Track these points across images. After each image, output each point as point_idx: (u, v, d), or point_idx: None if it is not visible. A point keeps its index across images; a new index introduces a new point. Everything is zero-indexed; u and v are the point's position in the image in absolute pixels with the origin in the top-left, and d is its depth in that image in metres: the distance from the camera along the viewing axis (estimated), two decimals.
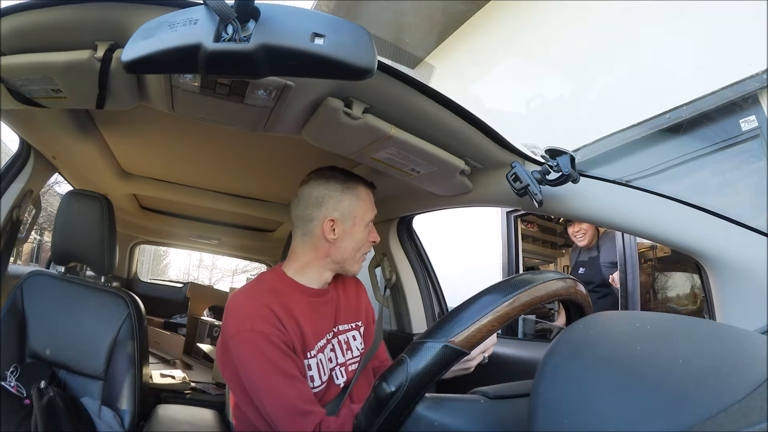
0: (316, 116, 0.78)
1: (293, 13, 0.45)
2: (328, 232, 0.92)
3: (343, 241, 0.93)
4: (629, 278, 2.35)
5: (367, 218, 0.96)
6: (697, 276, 2.40)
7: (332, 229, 0.92)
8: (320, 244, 0.94)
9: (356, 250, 0.95)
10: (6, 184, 1.19)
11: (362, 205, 0.94)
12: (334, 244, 0.93)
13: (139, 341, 1.17)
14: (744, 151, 2.02)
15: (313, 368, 0.87)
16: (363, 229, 0.95)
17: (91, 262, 1.25)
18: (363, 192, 0.95)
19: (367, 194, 0.96)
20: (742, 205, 2.02)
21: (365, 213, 0.95)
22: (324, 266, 0.95)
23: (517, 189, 0.81)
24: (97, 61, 0.65)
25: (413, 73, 0.74)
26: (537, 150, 0.86)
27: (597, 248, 2.71)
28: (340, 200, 0.93)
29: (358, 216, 0.94)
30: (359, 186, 0.95)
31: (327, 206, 0.92)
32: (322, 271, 0.96)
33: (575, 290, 0.51)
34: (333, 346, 0.94)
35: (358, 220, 0.94)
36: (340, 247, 0.94)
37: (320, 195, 0.93)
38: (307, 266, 0.95)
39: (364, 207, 0.95)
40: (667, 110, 2.21)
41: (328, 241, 0.93)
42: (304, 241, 0.95)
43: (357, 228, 0.94)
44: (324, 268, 0.96)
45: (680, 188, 2.23)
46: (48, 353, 1.10)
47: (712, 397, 0.29)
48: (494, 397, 0.48)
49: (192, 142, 1.22)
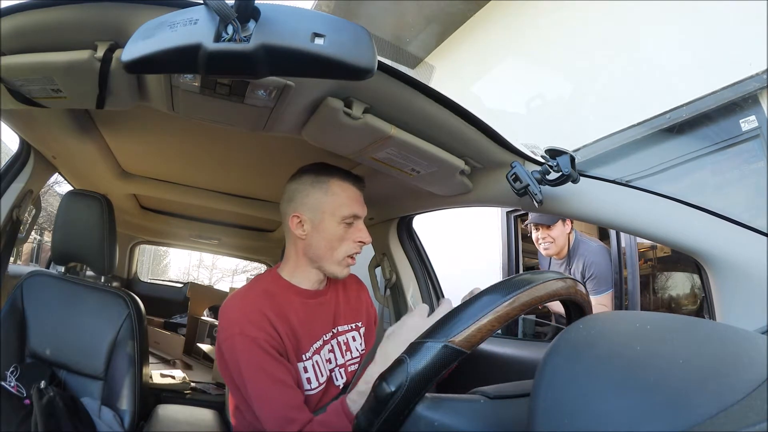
0: (316, 116, 0.78)
1: (293, 13, 0.45)
2: (296, 227, 0.90)
3: (313, 238, 0.89)
4: (629, 278, 2.34)
5: (340, 214, 0.88)
6: (697, 276, 2.40)
7: (300, 225, 0.90)
8: (297, 242, 0.92)
9: (329, 249, 0.89)
10: (6, 184, 1.19)
11: (333, 199, 0.88)
12: (306, 241, 0.90)
13: (139, 341, 1.17)
14: (744, 151, 2.02)
15: (309, 370, 0.86)
16: (335, 226, 0.88)
17: (91, 262, 1.25)
18: (336, 186, 0.89)
19: (341, 188, 0.89)
20: (742, 205, 2.02)
21: (336, 208, 0.88)
22: (307, 265, 0.92)
23: (517, 189, 0.81)
24: (97, 61, 0.65)
25: (413, 73, 0.74)
26: (537, 150, 0.86)
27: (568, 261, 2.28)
28: (307, 194, 0.89)
29: (327, 211, 0.88)
30: (332, 180, 0.89)
31: (295, 201, 0.90)
32: (308, 270, 0.93)
33: (575, 290, 0.51)
34: (332, 347, 0.93)
35: (327, 216, 0.88)
36: (312, 245, 0.90)
37: (291, 190, 0.92)
38: (296, 267, 0.94)
39: (336, 202, 0.88)
40: (667, 110, 2.21)
41: (300, 239, 0.90)
42: (287, 239, 0.95)
43: (327, 224, 0.88)
44: (308, 267, 0.93)
45: (680, 188, 2.23)
46: (48, 353, 1.10)
47: (712, 397, 0.29)
48: (494, 397, 0.48)
49: (192, 142, 1.22)
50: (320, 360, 0.89)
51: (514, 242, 3.23)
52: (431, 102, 0.75)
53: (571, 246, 2.25)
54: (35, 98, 0.79)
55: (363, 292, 1.07)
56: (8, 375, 1.01)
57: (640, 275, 2.39)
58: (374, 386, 0.44)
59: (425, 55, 3.99)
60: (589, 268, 2.18)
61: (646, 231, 0.81)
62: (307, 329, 0.89)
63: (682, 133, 2.19)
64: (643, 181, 1.07)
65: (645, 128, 2.30)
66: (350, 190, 0.90)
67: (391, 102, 0.74)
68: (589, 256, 2.19)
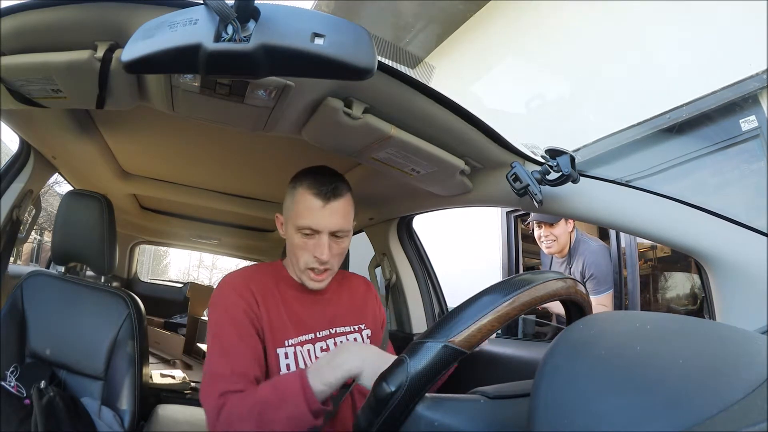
0: (316, 116, 0.78)
1: (293, 13, 0.45)
2: (279, 227, 0.95)
3: (287, 242, 0.94)
4: (629, 278, 2.34)
5: (296, 223, 0.87)
6: (697, 276, 2.40)
7: (281, 226, 0.95)
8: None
9: (292, 255, 0.91)
10: (6, 184, 1.19)
11: (294, 207, 0.88)
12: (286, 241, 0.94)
13: (139, 341, 1.17)
14: (744, 151, 2.02)
15: (290, 357, 0.88)
16: (294, 234, 0.88)
17: (91, 262, 1.25)
18: (299, 195, 0.87)
19: (302, 198, 0.86)
20: (742, 205, 2.02)
21: (294, 217, 0.87)
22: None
23: (517, 189, 0.81)
24: (97, 61, 0.66)
25: (413, 73, 0.74)
26: (537, 150, 0.86)
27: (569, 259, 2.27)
28: (286, 197, 0.92)
29: (290, 218, 0.89)
30: (299, 188, 0.88)
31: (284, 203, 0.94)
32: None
33: (575, 290, 0.51)
34: (327, 347, 0.93)
35: (289, 223, 0.89)
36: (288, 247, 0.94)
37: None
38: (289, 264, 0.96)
39: (295, 210, 0.87)
40: (667, 110, 2.21)
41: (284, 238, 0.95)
42: None
43: (289, 231, 0.90)
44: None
45: (680, 188, 2.23)
46: (48, 353, 1.10)
47: (712, 397, 0.29)
48: (494, 397, 0.47)
49: (192, 142, 1.22)
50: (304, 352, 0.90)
51: (514, 242, 3.23)
52: (431, 102, 0.75)
53: (572, 245, 2.23)
54: (35, 98, 0.79)
55: (370, 295, 1.06)
56: (8, 375, 1.01)
57: (640, 275, 2.39)
58: (374, 386, 0.44)
59: (425, 55, 3.99)
60: (589, 269, 2.17)
61: (645, 231, 0.81)
62: (298, 319, 0.91)
63: (682, 133, 2.19)
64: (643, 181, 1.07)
65: (645, 128, 2.30)
66: (310, 201, 0.86)
67: (391, 102, 0.74)
68: (589, 256, 2.19)
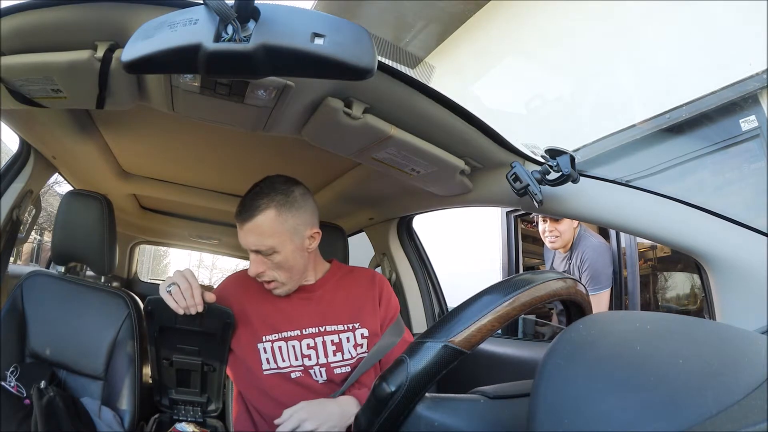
0: (316, 116, 0.78)
1: (293, 13, 0.45)
2: None
3: None
4: (629, 278, 2.34)
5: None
6: (697, 276, 2.40)
7: None
8: None
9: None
10: (6, 184, 1.19)
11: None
12: None
13: (139, 341, 1.17)
14: (744, 151, 2.02)
15: (268, 351, 0.93)
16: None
17: (91, 262, 1.25)
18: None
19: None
20: (742, 205, 2.02)
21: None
22: None
23: (517, 189, 0.81)
24: (97, 61, 0.66)
25: (413, 73, 0.75)
26: (537, 150, 0.86)
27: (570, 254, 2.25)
28: None
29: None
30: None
31: None
32: None
33: (575, 290, 0.51)
34: (314, 344, 0.93)
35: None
36: None
37: None
38: None
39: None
40: (667, 110, 2.21)
41: None
42: None
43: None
44: None
45: (680, 188, 2.23)
46: (48, 353, 1.10)
47: (712, 397, 0.29)
48: (494, 397, 0.47)
49: (192, 142, 1.22)
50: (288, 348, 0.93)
51: (514, 242, 3.23)
52: (431, 102, 0.75)
53: (575, 240, 2.23)
54: (35, 98, 0.79)
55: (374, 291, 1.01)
56: (8, 375, 1.01)
57: (640, 275, 2.39)
58: (374, 386, 0.44)
59: (425, 55, 3.99)
60: (584, 263, 2.15)
61: (645, 231, 0.81)
62: (283, 315, 0.95)
63: (682, 133, 2.19)
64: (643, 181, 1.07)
65: (645, 128, 2.30)
66: (239, 223, 0.98)
67: (391, 102, 0.74)
68: (587, 251, 2.16)
